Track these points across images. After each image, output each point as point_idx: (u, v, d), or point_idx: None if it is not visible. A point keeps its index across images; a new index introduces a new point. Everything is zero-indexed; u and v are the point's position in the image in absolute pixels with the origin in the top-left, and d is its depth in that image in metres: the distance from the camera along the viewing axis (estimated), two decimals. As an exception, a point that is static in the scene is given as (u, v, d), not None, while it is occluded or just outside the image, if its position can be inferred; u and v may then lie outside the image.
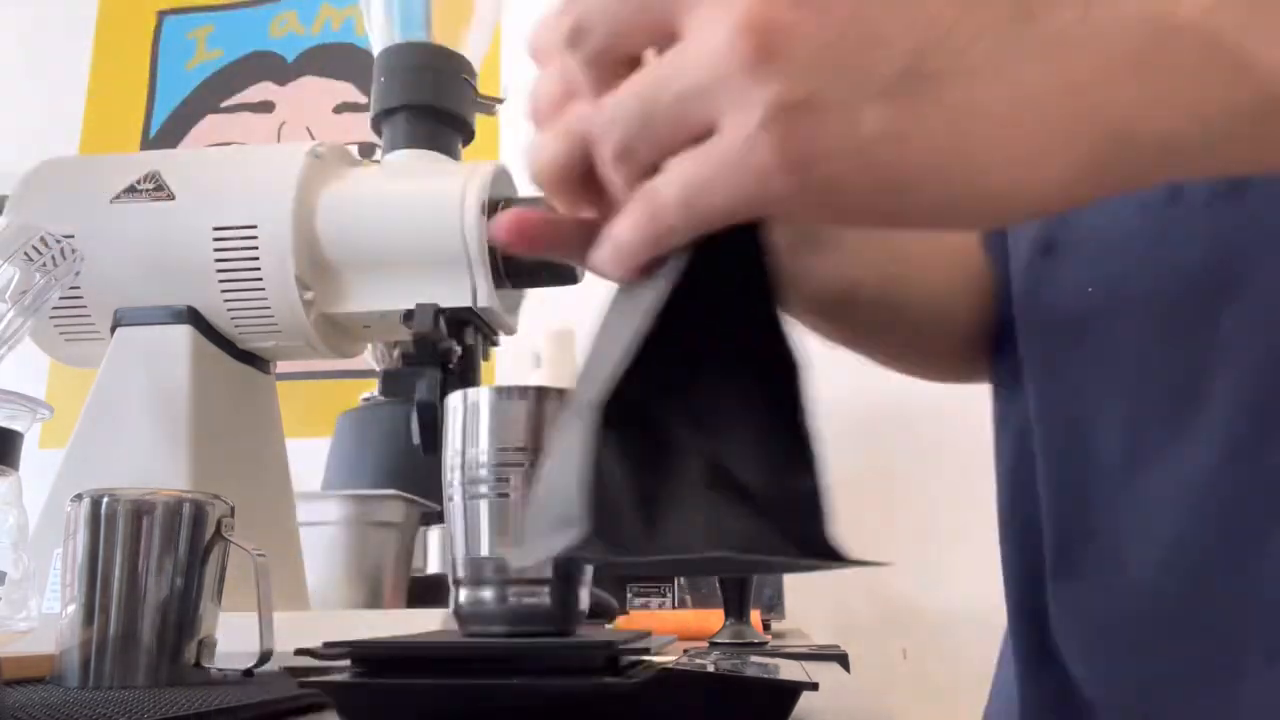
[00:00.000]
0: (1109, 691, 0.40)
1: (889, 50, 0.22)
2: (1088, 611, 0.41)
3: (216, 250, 0.78)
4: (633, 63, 0.26)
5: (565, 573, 0.42)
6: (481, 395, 0.42)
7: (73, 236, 0.76)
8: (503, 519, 0.41)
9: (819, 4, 0.22)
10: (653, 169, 0.25)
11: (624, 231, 0.25)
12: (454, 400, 0.43)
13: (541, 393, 0.42)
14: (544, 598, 0.42)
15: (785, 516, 0.28)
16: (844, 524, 0.46)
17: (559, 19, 0.26)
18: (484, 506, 0.41)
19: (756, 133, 0.22)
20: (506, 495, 0.41)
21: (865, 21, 0.22)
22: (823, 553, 0.27)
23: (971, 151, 0.22)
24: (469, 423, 0.42)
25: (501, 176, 0.83)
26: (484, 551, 0.42)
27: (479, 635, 0.43)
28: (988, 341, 0.50)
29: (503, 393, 0.42)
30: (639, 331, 0.25)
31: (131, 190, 0.81)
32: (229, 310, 0.80)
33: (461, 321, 0.80)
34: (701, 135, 0.23)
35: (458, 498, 0.42)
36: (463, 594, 0.43)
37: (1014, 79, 0.22)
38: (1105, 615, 0.40)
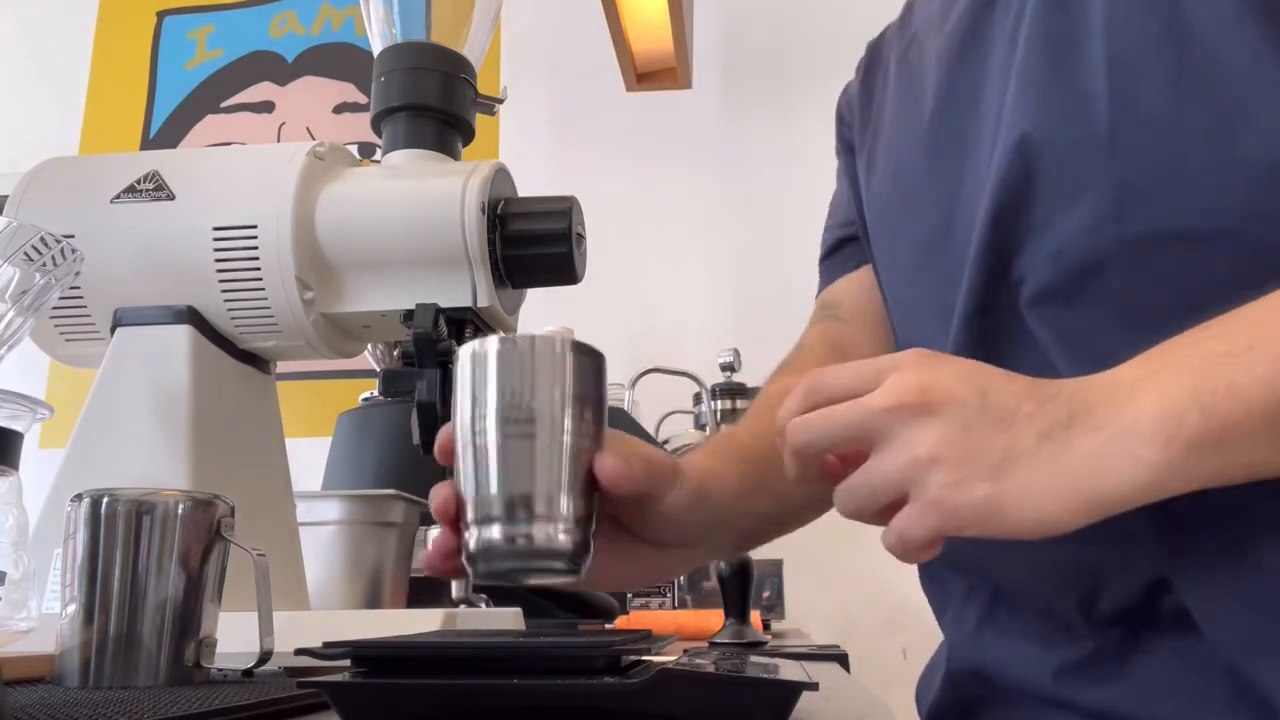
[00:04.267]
0: None
1: (986, 458, 0.39)
2: None
3: (216, 250, 0.78)
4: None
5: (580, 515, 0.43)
6: (489, 344, 0.43)
7: (73, 236, 0.77)
8: (512, 460, 0.42)
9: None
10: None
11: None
12: (464, 351, 0.44)
13: (545, 342, 0.43)
14: (552, 536, 0.42)
15: None
16: (843, 523, 0.46)
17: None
18: (493, 448, 0.42)
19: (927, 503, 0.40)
20: (519, 437, 0.42)
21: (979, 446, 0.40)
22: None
23: (1028, 507, 0.39)
24: (477, 371, 0.43)
25: (501, 176, 0.83)
26: (492, 490, 0.42)
27: (489, 576, 0.43)
28: None
29: (508, 342, 0.43)
30: None
31: (131, 190, 0.81)
32: (229, 310, 0.80)
33: (461, 321, 0.80)
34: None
35: (470, 441, 0.43)
36: (471, 536, 0.43)
37: (1049, 473, 0.39)
38: None
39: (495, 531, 0.42)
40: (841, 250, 0.75)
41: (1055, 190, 0.49)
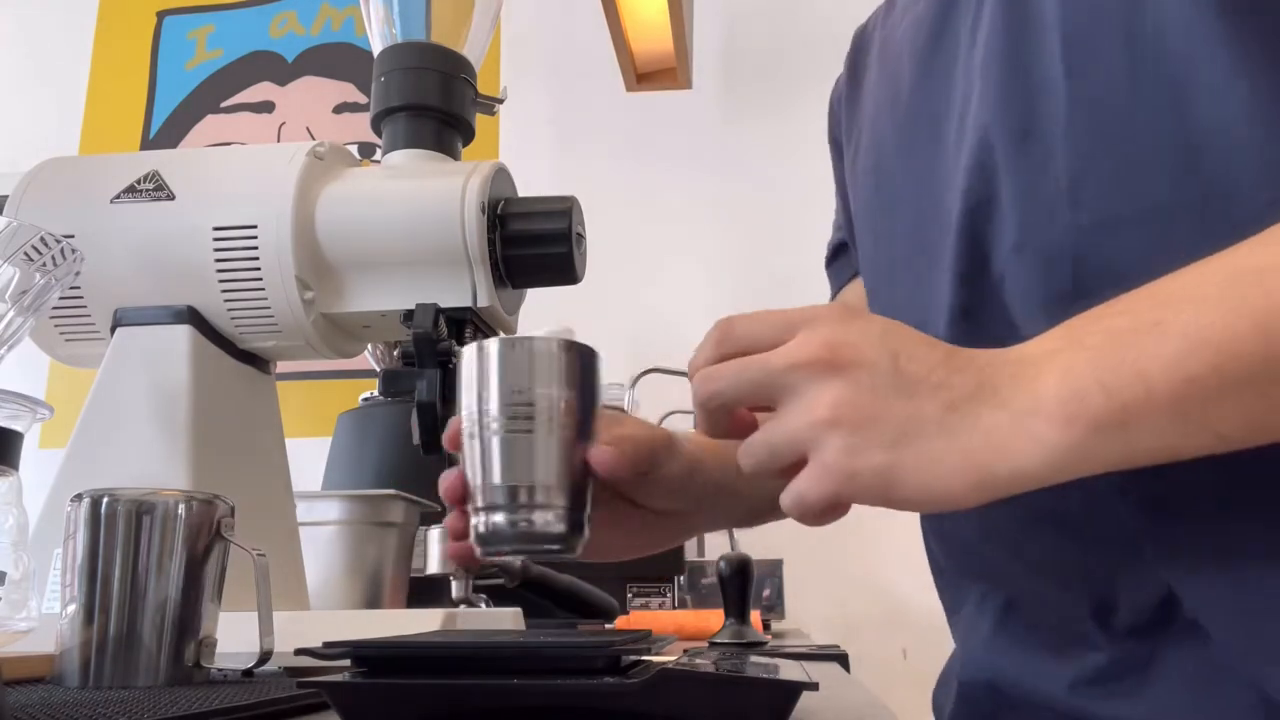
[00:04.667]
0: None
1: (887, 426, 0.38)
2: None
3: (216, 250, 0.78)
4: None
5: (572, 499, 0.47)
6: (490, 346, 0.46)
7: (73, 236, 0.77)
8: (513, 453, 0.46)
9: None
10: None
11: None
12: (467, 351, 0.47)
13: (542, 343, 0.47)
14: (550, 521, 0.46)
15: None
16: (843, 523, 0.46)
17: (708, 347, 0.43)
18: (496, 442, 0.45)
19: (823, 464, 0.39)
20: (520, 432, 0.45)
21: (878, 419, 0.38)
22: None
23: (925, 480, 0.38)
24: (480, 370, 0.46)
25: (501, 176, 0.83)
26: (496, 480, 0.45)
27: (493, 554, 0.47)
28: None
29: (507, 343, 0.46)
30: None
31: (131, 190, 0.81)
32: (229, 310, 0.80)
33: (461, 321, 0.80)
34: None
35: (476, 434, 0.46)
36: (479, 519, 0.46)
37: (949, 446, 0.37)
38: None
39: (499, 517, 0.46)
40: (844, 255, 0.74)
41: (1017, 183, 0.48)
